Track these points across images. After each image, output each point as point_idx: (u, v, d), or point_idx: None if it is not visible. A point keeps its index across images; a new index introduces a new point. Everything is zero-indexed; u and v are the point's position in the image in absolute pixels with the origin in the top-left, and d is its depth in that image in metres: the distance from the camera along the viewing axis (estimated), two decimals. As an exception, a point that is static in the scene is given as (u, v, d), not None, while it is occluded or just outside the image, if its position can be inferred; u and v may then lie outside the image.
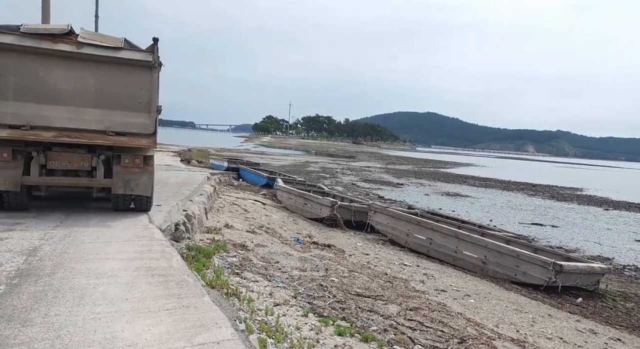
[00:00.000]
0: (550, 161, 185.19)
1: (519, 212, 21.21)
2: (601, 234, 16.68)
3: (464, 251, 7.91)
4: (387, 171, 45.20)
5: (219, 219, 9.47)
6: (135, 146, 6.37)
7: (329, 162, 52.11)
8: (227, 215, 10.38)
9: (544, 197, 29.26)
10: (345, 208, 10.83)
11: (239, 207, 11.88)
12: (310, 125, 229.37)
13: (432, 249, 8.54)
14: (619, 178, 70.02)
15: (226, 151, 52.95)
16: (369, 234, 10.49)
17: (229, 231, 8.44)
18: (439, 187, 31.41)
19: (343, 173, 37.22)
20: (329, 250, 8.24)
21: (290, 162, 45.41)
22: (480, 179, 41.25)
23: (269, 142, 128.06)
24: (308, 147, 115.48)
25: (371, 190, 26.00)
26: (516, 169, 77.54)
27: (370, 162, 61.04)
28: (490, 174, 49.85)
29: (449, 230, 8.29)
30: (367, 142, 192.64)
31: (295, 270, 6.29)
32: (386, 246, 9.38)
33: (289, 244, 8.27)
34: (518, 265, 7.09)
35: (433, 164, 67.01)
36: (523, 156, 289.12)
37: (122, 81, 6.33)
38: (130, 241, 4.97)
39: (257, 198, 14.97)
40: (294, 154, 69.14)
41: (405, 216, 9.29)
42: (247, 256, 6.73)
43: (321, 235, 9.85)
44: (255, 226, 9.55)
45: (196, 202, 8.86)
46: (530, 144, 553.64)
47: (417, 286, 6.26)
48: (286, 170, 31.97)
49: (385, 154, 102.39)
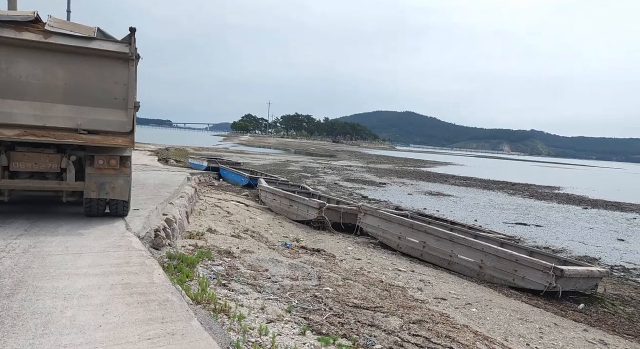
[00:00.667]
0: (525, 160, 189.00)
1: (502, 212, 21.22)
2: (584, 233, 16.75)
3: (459, 254, 7.62)
4: (369, 170, 45.06)
5: (201, 223, 8.96)
6: (111, 145, 5.82)
7: (309, 161, 51.69)
8: (210, 218, 9.86)
9: (524, 196, 29.50)
10: (334, 210, 10.44)
11: (222, 210, 11.36)
12: (290, 124, 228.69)
13: (426, 252, 8.22)
14: (592, 177, 71.72)
15: (205, 150, 51.95)
16: (358, 237, 10.13)
17: (213, 235, 7.94)
18: (421, 186, 31.35)
19: (325, 172, 36.86)
20: (319, 255, 7.82)
21: (270, 161, 44.82)
22: (460, 178, 41.48)
23: (248, 141, 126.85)
24: (288, 146, 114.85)
25: (354, 189, 25.70)
26: (493, 168, 78.64)
27: (351, 161, 60.89)
28: (470, 173, 50.29)
29: (443, 233, 7.98)
30: (347, 141, 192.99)
31: (286, 279, 5.86)
32: (377, 249, 9.02)
33: (277, 249, 7.83)
34: (516, 270, 6.82)
35: (413, 163, 67.31)
36: (499, 155, 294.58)
37: (95, 75, 5.77)
38: (104, 252, 4.46)
39: (239, 199, 14.44)
40: (274, 153, 68.48)
41: (397, 219, 8.95)
42: (233, 263, 6.26)
43: (309, 239, 9.43)
44: (240, 230, 9.07)
45: (177, 206, 8.33)
46: (506, 143, 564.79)
47: (416, 294, 5.91)
48: (267, 169, 31.43)
49: (365, 153, 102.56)
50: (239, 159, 36.31)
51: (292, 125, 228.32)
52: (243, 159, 40.96)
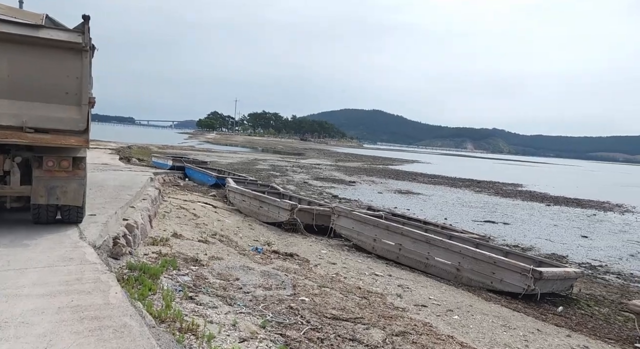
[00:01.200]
0: (488, 158, 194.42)
1: (471, 210, 21.45)
2: (549, 230, 17.07)
3: (436, 257, 7.43)
4: (338, 168, 44.95)
5: (165, 227, 8.41)
6: (62, 145, 5.25)
7: (278, 159, 51.11)
8: (175, 221, 9.31)
9: (490, 194, 30.04)
10: (306, 212, 10.08)
11: (188, 212, 10.80)
12: (257, 121, 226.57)
13: (402, 255, 8.00)
14: (550, 174, 74.37)
15: (169, 148, 50.51)
16: (332, 239, 9.81)
17: (178, 241, 7.44)
18: (390, 184, 31.44)
19: (294, 171, 36.45)
20: (292, 260, 7.46)
21: (238, 159, 43.99)
22: (428, 176, 41.97)
23: (215, 139, 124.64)
24: (255, 144, 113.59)
25: (324, 188, 25.44)
26: (459, 165, 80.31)
27: (320, 159, 60.69)
28: (436, 171, 51.04)
29: (420, 235, 7.78)
30: (314, 139, 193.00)
31: (258, 289, 5.47)
32: (352, 252, 8.74)
33: (248, 254, 7.41)
34: (494, 272, 6.69)
35: (381, 161, 67.78)
36: (463, 153, 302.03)
37: (43, 67, 5.18)
38: (53, 267, 3.94)
39: (206, 200, 13.87)
40: (242, 151, 67.43)
41: (372, 220, 8.69)
42: (201, 273, 5.81)
43: (281, 242, 9.05)
44: (208, 234, 8.58)
45: (139, 209, 7.76)
46: (469, 141, 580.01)
47: (396, 301, 5.64)
48: (235, 168, 30.76)
49: (333, 151, 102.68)
50: (206, 158, 35.41)
51: (260, 123, 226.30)
52: (210, 157, 40.01)
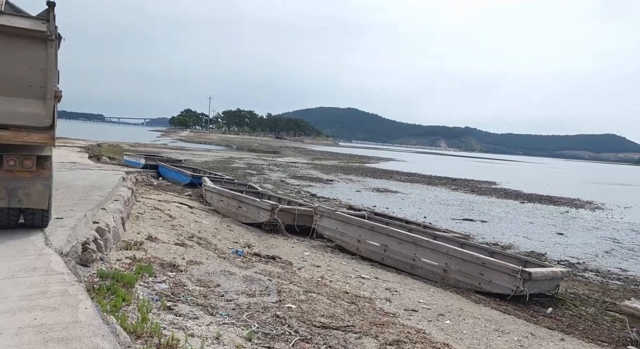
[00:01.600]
0: (461, 156, 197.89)
1: (448, 208, 21.54)
2: (526, 228, 17.26)
3: (422, 258, 7.26)
4: (314, 166, 44.70)
5: (139, 230, 7.97)
6: (25, 142, 4.80)
7: (253, 158, 50.49)
8: (150, 223, 8.86)
9: (466, 192, 30.35)
10: (287, 212, 9.77)
11: (163, 213, 10.34)
12: (232, 119, 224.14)
13: (387, 256, 7.80)
14: (522, 172, 76.13)
15: (141, 146, 49.24)
16: (314, 240, 9.54)
17: (154, 244, 7.03)
18: (368, 183, 31.39)
19: (270, 169, 36.00)
20: (274, 263, 7.15)
21: (213, 158, 43.19)
22: (404, 174, 42.20)
23: (188, 137, 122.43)
24: (230, 142, 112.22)
25: (301, 187, 25.15)
26: (433, 163, 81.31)
27: (296, 157, 60.33)
28: (412, 169, 51.42)
29: (406, 236, 7.59)
30: (290, 137, 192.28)
31: (242, 296, 5.15)
32: (335, 254, 8.49)
33: (228, 258, 7.06)
34: (483, 273, 6.56)
35: (357, 159, 67.91)
36: (436, 151, 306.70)
37: (3, 57, 4.72)
38: (13, 279, 3.54)
39: (182, 200, 13.38)
40: (216, 149, 66.39)
41: (356, 221, 8.46)
42: (179, 279, 5.45)
43: (262, 244, 8.72)
44: (185, 237, 8.18)
45: (111, 211, 7.31)
46: (443, 139, 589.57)
47: (385, 306, 5.42)
48: (210, 167, 30.13)
49: (309, 149, 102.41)
50: (180, 156, 34.60)
51: (234, 121, 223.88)
52: (183, 155, 39.13)
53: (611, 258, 12.49)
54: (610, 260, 12.22)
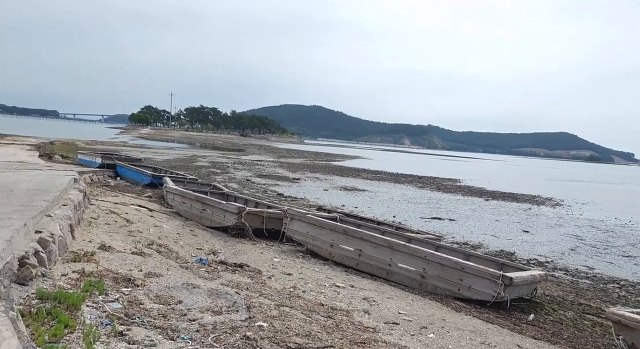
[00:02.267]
0: (424, 153, 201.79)
1: (416, 206, 21.52)
2: (493, 226, 17.40)
3: (399, 263, 6.92)
4: (281, 164, 44.10)
5: (91, 237, 7.25)
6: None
7: (218, 156, 49.32)
8: (104, 230, 8.12)
9: (432, 189, 30.59)
10: (255, 215, 9.21)
11: (119, 217, 9.58)
12: (195, 117, 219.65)
13: (362, 262, 7.42)
14: (483, 169, 78.16)
15: (99, 144, 47.15)
16: (284, 244, 9.05)
17: (107, 254, 6.35)
18: (335, 181, 31.13)
19: (235, 168, 35.16)
20: (242, 272, 6.63)
21: (175, 156, 41.83)
22: (371, 172, 42.26)
23: (149, 134, 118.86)
24: (193, 139, 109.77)
25: (268, 186, 24.57)
26: (398, 161, 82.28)
27: (261, 155, 59.50)
28: (378, 167, 51.67)
29: (381, 240, 7.23)
30: (255, 135, 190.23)
31: (207, 313, 4.62)
32: (307, 259, 8.03)
33: (191, 267, 6.48)
34: (462, 279, 6.28)
35: (323, 157, 67.74)
36: (400, 149, 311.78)
37: None
38: None
39: (141, 202, 12.57)
40: (179, 147, 64.60)
41: (328, 224, 8.02)
42: (135, 296, 4.85)
43: (228, 250, 8.15)
44: (143, 244, 7.52)
45: (57, 218, 6.55)
46: (406, 137, 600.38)
47: (364, 319, 5.02)
48: (172, 165, 29.07)
49: (275, 147, 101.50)
50: (140, 155, 33.25)
51: (197, 118, 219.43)
52: (144, 154, 37.68)
53: (577, 256, 12.65)
54: (577, 258, 12.37)
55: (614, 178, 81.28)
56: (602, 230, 18.17)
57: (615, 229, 18.62)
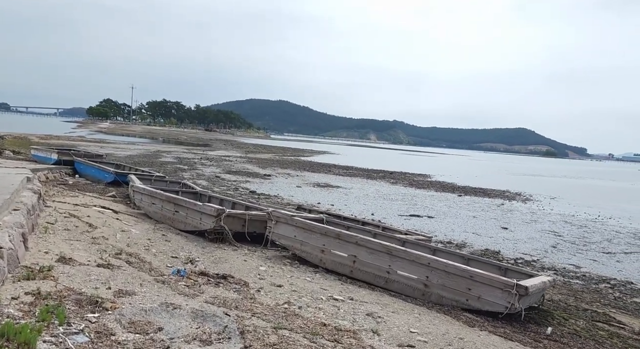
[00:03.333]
0: (391, 148, 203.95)
1: (392, 203, 21.15)
2: (472, 222, 17.20)
3: (398, 271, 6.33)
4: (249, 160, 43.00)
5: (48, 247, 6.28)
6: None
7: (183, 151, 47.62)
8: (63, 237, 7.14)
9: (405, 185, 30.41)
10: (236, 217, 8.39)
11: (80, 221, 8.56)
12: (157, 111, 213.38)
13: (357, 269, 6.78)
14: (449, 164, 79.41)
15: (54, 139, 44.55)
16: (267, 249, 8.29)
17: (68, 269, 5.44)
18: (307, 177, 30.44)
19: (202, 164, 33.88)
20: (227, 285, 5.86)
21: (138, 152, 39.98)
22: (342, 168, 41.82)
23: (109, 128, 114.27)
24: (155, 134, 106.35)
25: (239, 183, 23.63)
26: (366, 156, 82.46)
27: (228, 151, 58.04)
28: (348, 162, 51.34)
29: (379, 245, 6.60)
30: (220, 130, 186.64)
31: (194, 344, 3.85)
32: (296, 266, 7.31)
33: (168, 281, 5.66)
34: (470, 288, 5.76)
35: (292, 152, 66.87)
36: (367, 144, 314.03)
37: None
38: None
39: (104, 203, 11.48)
40: (141, 142, 62.13)
41: (319, 228, 7.32)
42: (105, 324, 4.01)
43: (207, 257, 7.32)
44: (110, 253, 6.60)
45: (6, 227, 5.58)
46: (372, 132, 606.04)
47: (375, 342, 4.39)
48: (135, 161, 27.59)
49: (241, 142, 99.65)
50: (100, 150, 31.46)
51: (160, 112, 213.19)
52: (104, 149, 35.74)
53: (560, 254, 12.52)
54: (560, 256, 12.21)
55: (571, 172, 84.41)
56: (576, 225, 18.35)
57: (588, 224, 18.86)
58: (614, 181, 62.15)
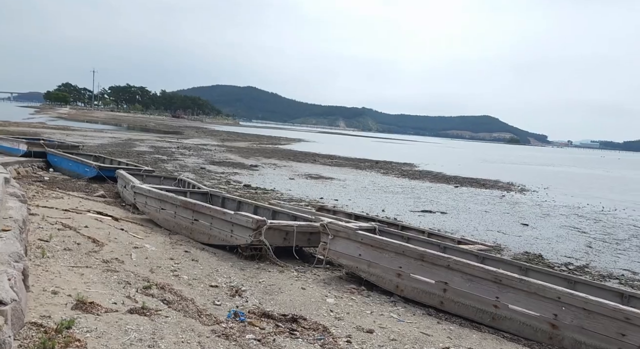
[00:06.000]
0: (361, 136, 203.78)
1: (395, 196, 20.00)
2: (488, 218, 16.25)
3: (511, 304, 5.06)
4: (228, 149, 40.95)
5: (54, 282, 4.67)
6: None
7: (157, 139, 44.96)
8: (66, 262, 5.50)
9: (397, 176, 29.38)
10: (277, 229, 6.87)
11: (79, 234, 6.87)
12: (121, 96, 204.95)
13: (450, 300, 5.45)
14: (425, 151, 79.28)
15: (13, 126, 41.08)
16: (314, 267, 6.86)
17: (92, 321, 3.87)
18: (295, 168, 28.92)
19: (182, 154, 31.74)
20: (304, 333, 4.42)
21: (109, 140, 37.24)
22: (326, 157, 40.45)
23: (70, 114, 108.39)
24: (120, 121, 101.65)
25: (227, 176, 21.92)
26: (341, 143, 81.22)
27: (203, 139, 55.52)
28: (326, 150, 49.93)
29: (482, 270, 5.28)
30: (188, 116, 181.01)
31: None
32: (364, 294, 5.88)
33: (230, 333, 4.17)
34: (624, 333, 4.53)
35: (268, 141, 64.91)
36: (337, 131, 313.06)
37: None
38: None
39: (97, 207, 9.70)
40: (108, 129, 58.67)
41: (394, 246, 5.91)
42: None
43: (253, 284, 5.81)
44: (137, 287, 5.03)
45: (2, 264, 3.90)
46: (342, 119, 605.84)
47: None
48: (109, 152, 25.33)
49: (212, 129, 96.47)
50: (67, 138, 28.91)
51: (123, 97, 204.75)
52: (71, 137, 32.99)
53: (603, 256, 11.63)
54: (606, 259, 11.32)
55: (540, 159, 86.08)
56: (591, 219, 17.74)
57: (601, 218, 18.31)
58: (589, 169, 63.54)
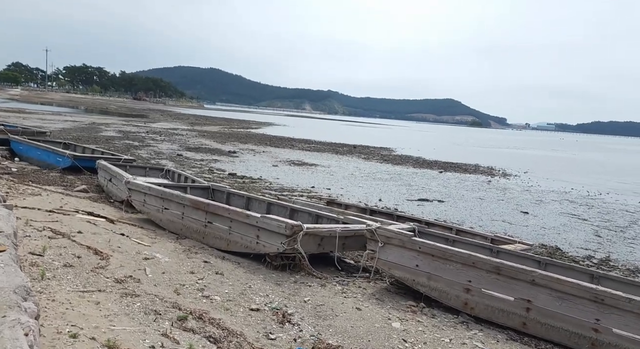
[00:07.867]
0: (330, 119, 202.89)
1: (386, 183, 19.39)
2: (486, 206, 15.89)
3: (614, 329, 4.30)
4: (201, 134, 39.22)
5: (66, 317, 3.66)
6: None
7: (123, 123, 42.54)
8: (71, 284, 4.46)
9: (379, 162, 28.81)
10: (313, 235, 5.93)
11: (76, 244, 5.76)
12: (76, 77, 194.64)
13: (535, 321, 4.73)
14: (396, 135, 79.40)
15: (-38, 109, 37.78)
16: (358, 278, 6.03)
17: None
18: (275, 154, 27.84)
19: (153, 139, 29.98)
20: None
21: (71, 124, 34.80)
22: (301, 142, 39.44)
23: (22, 96, 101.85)
24: (77, 103, 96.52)
25: (207, 163, 20.69)
26: (312, 127, 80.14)
27: (171, 123, 53.15)
28: (300, 135, 48.85)
29: (577, 287, 4.57)
30: (150, 99, 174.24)
31: None
32: (426, 312, 5.05)
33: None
34: None
35: (238, 125, 63.02)
36: (303, 114, 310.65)
37: None
38: None
39: (83, 205, 8.48)
40: (67, 112, 55.18)
41: (460, 256, 5.14)
42: None
43: (297, 304, 4.91)
44: (170, 318, 4.06)
45: (6, 304, 2.82)
46: (307, 102, 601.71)
47: None
48: (74, 137, 23.49)
49: (178, 112, 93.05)
50: (23, 122, 26.70)
51: (80, 78, 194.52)
52: (28, 121, 30.57)
53: (617, 246, 11.33)
54: (622, 250, 11.01)
55: (503, 142, 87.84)
56: (583, 205, 17.73)
57: (591, 203, 18.36)
58: (557, 151, 65.34)
